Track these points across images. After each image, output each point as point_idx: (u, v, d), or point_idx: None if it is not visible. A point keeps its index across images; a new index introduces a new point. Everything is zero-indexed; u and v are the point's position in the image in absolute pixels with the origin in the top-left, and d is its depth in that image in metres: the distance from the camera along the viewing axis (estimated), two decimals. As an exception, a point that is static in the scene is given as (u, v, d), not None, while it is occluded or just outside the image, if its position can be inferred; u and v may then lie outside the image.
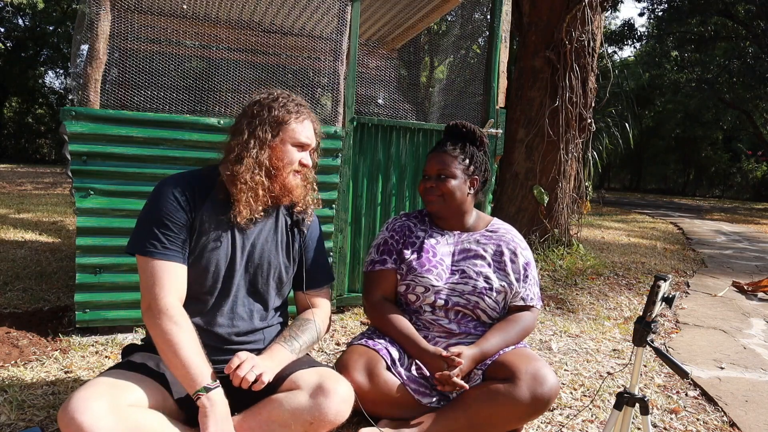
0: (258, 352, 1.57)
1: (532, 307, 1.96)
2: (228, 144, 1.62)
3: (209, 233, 1.57)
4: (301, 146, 1.65)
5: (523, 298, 1.95)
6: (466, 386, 1.71)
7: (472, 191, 1.98)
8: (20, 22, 21.74)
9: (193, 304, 1.57)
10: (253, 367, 1.43)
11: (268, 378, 1.44)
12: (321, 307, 1.77)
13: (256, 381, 1.42)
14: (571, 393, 2.30)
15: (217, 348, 1.58)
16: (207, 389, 1.39)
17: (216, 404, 1.39)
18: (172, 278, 1.49)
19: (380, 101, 4.05)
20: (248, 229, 1.63)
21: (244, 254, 1.62)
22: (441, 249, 1.97)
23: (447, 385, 1.72)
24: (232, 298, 1.61)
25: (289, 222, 1.72)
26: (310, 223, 1.76)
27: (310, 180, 1.73)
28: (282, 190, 1.62)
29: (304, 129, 1.65)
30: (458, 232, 2.01)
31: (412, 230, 2.02)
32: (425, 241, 1.99)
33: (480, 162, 1.99)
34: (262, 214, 1.61)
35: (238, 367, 1.42)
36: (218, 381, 1.43)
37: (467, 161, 1.95)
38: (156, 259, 1.49)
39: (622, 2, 16.05)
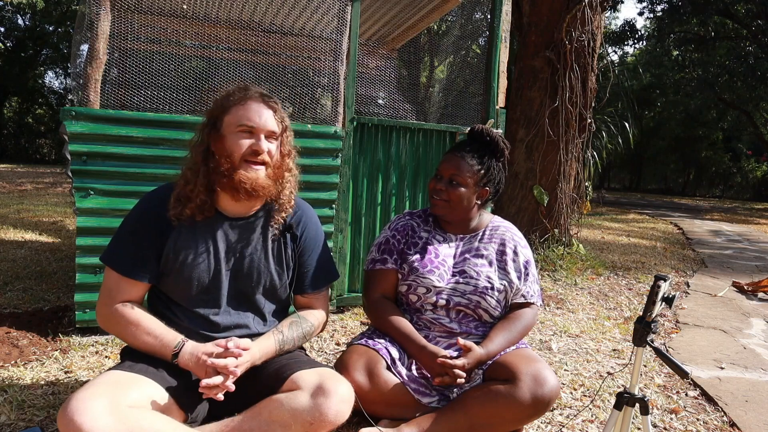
0: None
1: (533, 303, 1.96)
2: None
3: (189, 246, 1.56)
4: (248, 130, 1.52)
5: (523, 296, 1.95)
6: (464, 375, 1.70)
7: (479, 202, 1.97)
8: (20, 21, 21.74)
9: (187, 312, 1.58)
10: (237, 366, 1.45)
11: (240, 371, 1.46)
12: (318, 307, 1.78)
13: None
14: (571, 393, 2.30)
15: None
16: (176, 355, 1.46)
17: (196, 351, 1.45)
18: (129, 294, 1.54)
19: (380, 101, 4.05)
20: (234, 238, 1.61)
21: (229, 264, 1.61)
22: (443, 250, 1.97)
23: (446, 377, 1.70)
24: (223, 307, 1.61)
25: (280, 227, 1.68)
26: (299, 228, 1.72)
27: (288, 167, 1.63)
28: (231, 183, 1.51)
29: (245, 111, 1.52)
30: (461, 234, 2.01)
31: (416, 230, 2.02)
32: (428, 241, 1.98)
33: (495, 175, 1.95)
34: (204, 215, 1.56)
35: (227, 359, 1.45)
36: (183, 338, 1.50)
37: (482, 172, 1.92)
38: (117, 273, 1.53)
39: (622, 2, 16.04)
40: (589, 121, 5.15)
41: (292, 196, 1.69)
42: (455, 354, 1.77)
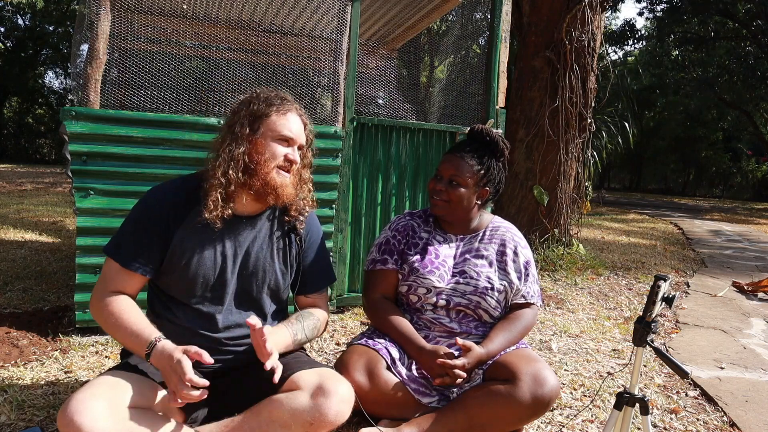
0: None
1: (533, 304, 1.97)
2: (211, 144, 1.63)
3: (195, 242, 1.55)
4: (285, 140, 1.59)
5: (523, 296, 1.95)
6: (464, 375, 1.70)
7: (479, 202, 1.97)
8: (20, 21, 21.75)
9: (188, 311, 1.57)
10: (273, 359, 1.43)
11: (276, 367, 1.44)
12: (321, 307, 1.80)
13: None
14: (571, 393, 2.30)
15: (213, 348, 1.57)
16: (148, 354, 1.39)
17: (165, 352, 1.36)
18: (123, 285, 1.53)
19: (380, 101, 4.05)
20: (241, 236, 1.61)
21: (236, 262, 1.61)
22: (444, 250, 1.97)
23: (447, 377, 1.71)
24: (226, 306, 1.60)
25: (286, 227, 1.70)
26: (304, 229, 1.73)
27: (305, 180, 1.69)
28: (264, 187, 1.56)
29: (287, 122, 1.60)
30: (461, 234, 2.01)
31: (416, 231, 2.02)
32: (429, 242, 1.98)
33: (495, 175, 1.96)
34: (229, 213, 1.54)
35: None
36: (158, 336, 1.43)
37: (482, 172, 1.92)
38: (117, 264, 1.53)
39: (622, 2, 16.04)
40: (589, 121, 5.15)
41: (306, 204, 1.71)
42: (455, 354, 1.77)
